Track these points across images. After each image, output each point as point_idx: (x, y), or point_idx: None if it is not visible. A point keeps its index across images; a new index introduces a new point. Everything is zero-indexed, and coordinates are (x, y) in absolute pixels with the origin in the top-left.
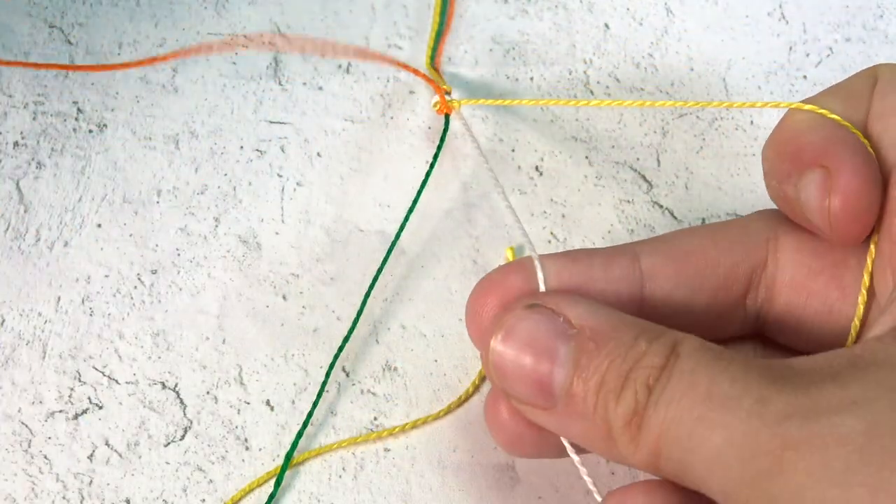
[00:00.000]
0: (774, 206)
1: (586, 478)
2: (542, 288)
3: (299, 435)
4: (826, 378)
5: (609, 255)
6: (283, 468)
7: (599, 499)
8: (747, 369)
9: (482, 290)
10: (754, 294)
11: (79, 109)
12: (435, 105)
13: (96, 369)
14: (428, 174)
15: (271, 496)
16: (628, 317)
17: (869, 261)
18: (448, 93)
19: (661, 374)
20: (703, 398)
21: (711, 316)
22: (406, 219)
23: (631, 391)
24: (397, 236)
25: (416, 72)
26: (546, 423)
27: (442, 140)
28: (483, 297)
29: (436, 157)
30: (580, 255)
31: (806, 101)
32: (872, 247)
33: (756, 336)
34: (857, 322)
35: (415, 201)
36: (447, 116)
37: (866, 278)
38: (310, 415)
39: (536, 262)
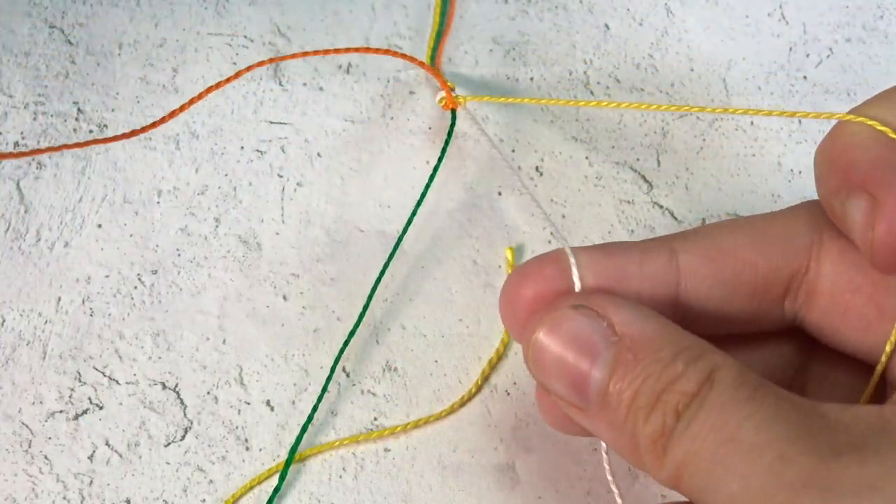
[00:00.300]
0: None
1: (609, 477)
2: (577, 282)
3: (303, 430)
4: (852, 446)
5: (644, 251)
6: (288, 463)
7: (617, 495)
8: (776, 415)
9: (518, 279)
10: (793, 298)
11: (79, 109)
12: (440, 101)
13: (96, 369)
14: (436, 169)
15: (275, 490)
16: (672, 329)
17: None
18: (452, 89)
19: (691, 402)
20: (726, 440)
21: (747, 315)
22: (413, 215)
23: (660, 413)
24: (402, 235)
25: (421, 64)
26: (580, 422)
27: (449, 135)
28: (519, 287)
29: (443, 151)
30: (614, 249)
31: (859, 110)
32: None
33: (794, 329)
34: (883, 359)
35: (421, 199)
36: (454, 112)
37: None
38: (313, 411)
39: (571, 258)
